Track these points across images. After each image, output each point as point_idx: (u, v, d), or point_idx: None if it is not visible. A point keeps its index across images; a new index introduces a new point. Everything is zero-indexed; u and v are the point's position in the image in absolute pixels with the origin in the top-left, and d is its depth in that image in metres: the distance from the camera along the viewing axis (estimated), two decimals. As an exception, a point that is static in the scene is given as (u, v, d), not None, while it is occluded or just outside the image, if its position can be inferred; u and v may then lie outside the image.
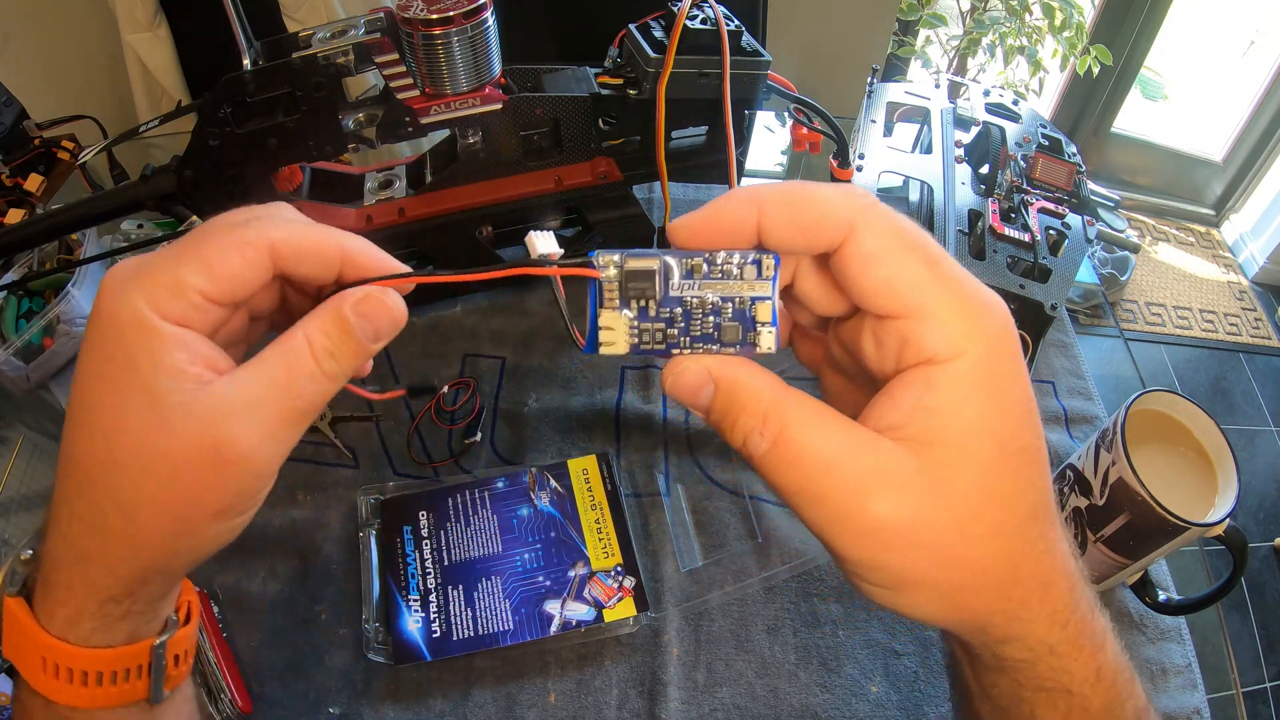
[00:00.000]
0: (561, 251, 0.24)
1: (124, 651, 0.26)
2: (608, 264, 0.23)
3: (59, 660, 0.25)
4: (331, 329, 0.24)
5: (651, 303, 0.23)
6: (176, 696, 0.29)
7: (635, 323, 0.24)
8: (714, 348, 0.24)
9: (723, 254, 0.23)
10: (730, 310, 0.23)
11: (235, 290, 0.24)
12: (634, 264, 0.23)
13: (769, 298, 0.23)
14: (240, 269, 0.23)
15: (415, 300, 0.68)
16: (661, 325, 0.24)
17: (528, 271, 0.24)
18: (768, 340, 0.24)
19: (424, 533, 0.49)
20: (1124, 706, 0.26)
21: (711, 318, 0.24)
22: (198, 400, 0.22)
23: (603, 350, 0.24)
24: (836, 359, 0.27)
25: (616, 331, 0.24)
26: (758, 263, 0.23)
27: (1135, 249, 2.01)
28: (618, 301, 0.23)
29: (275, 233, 0.24)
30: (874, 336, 0.23)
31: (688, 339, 0.24)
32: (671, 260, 0.23)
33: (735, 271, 0.23)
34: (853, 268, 0.22)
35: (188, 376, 0.23)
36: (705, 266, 0.23)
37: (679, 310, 0.23)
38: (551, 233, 0.24)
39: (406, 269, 0.26)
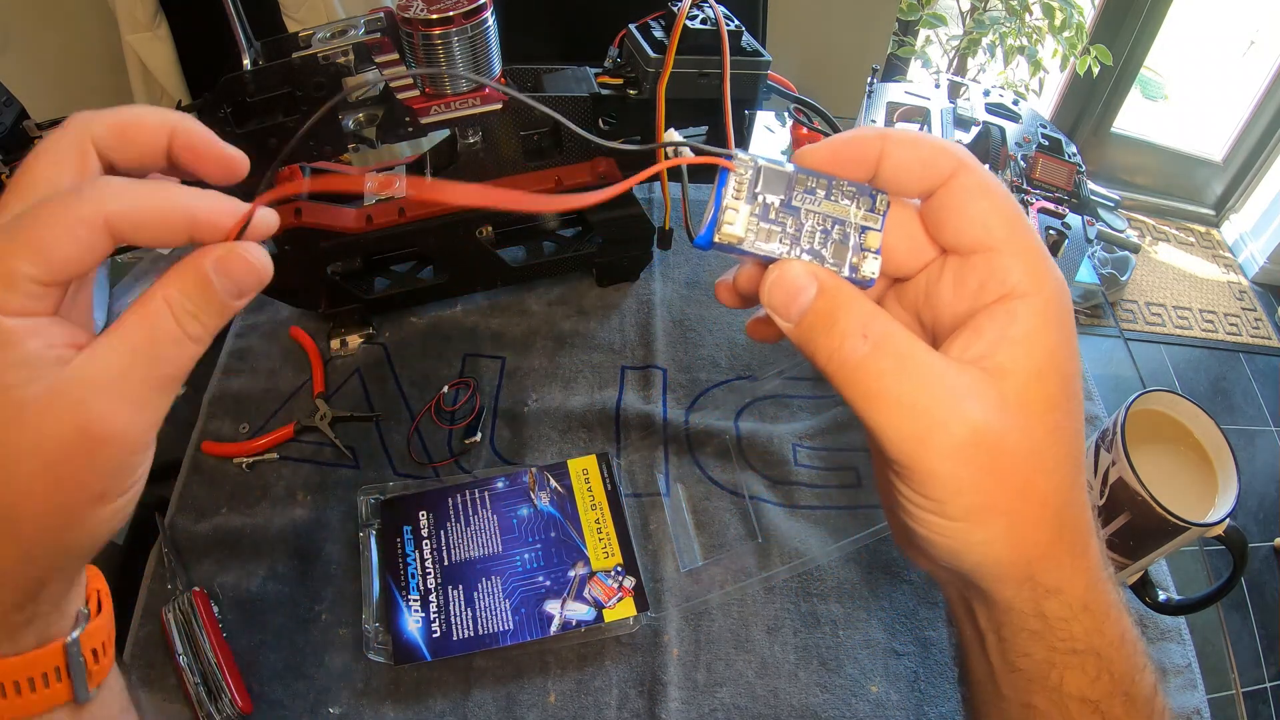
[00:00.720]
0: (693, 157, 0.25)
1: (34, 656, 0.25)
2: (744, 161, 0.24)
3: None
4: (192, 289, 0.23)
5: (775, 205, 0.24)
6: (105, 692, 0.28)
7: (757, 219, 0.24)
8: (822, 260, 0.24)
9: (845, 181, 0.25)
10: (840, 232, 0.24)
11: (72, 272, 0.22)
12: (768, 164, 0.24)
13: (878, 230, 0.25)
14: (76, 252, 0.22)
15: (415, 300, 0.67)
16: (779, 229, 0.24)
17: (665, 166, 0.25)
18: (872, 266, 0.24)
19: (424, 533, 0.49)
20: (1143, 674, 0.26)
21: (821, 233, 0.24)
22: (58, 384, 0.21)
23: (723, 231, 0.24)
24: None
25: (738, 215, 0.24)
26: (873, 196, 0.25)
27: (1135, 249, 2.01)
28: (745, 195, 0.24)
29: (111, 205, 0.22)
30: (955, 276, 0.24)
31: (796, 249, 0.24)
32: (800, 173, 0.24)
33: (853, 199, 0.25)
34: (956, 198, 0.24)
35: (45, 361, 0.22)
36: (828, 186, 0.24)
37: (795, 219, 0.24)
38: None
39: (264, 211, 0.25)
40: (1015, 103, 0.72)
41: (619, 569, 0.48)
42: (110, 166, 0.25)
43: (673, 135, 0.25)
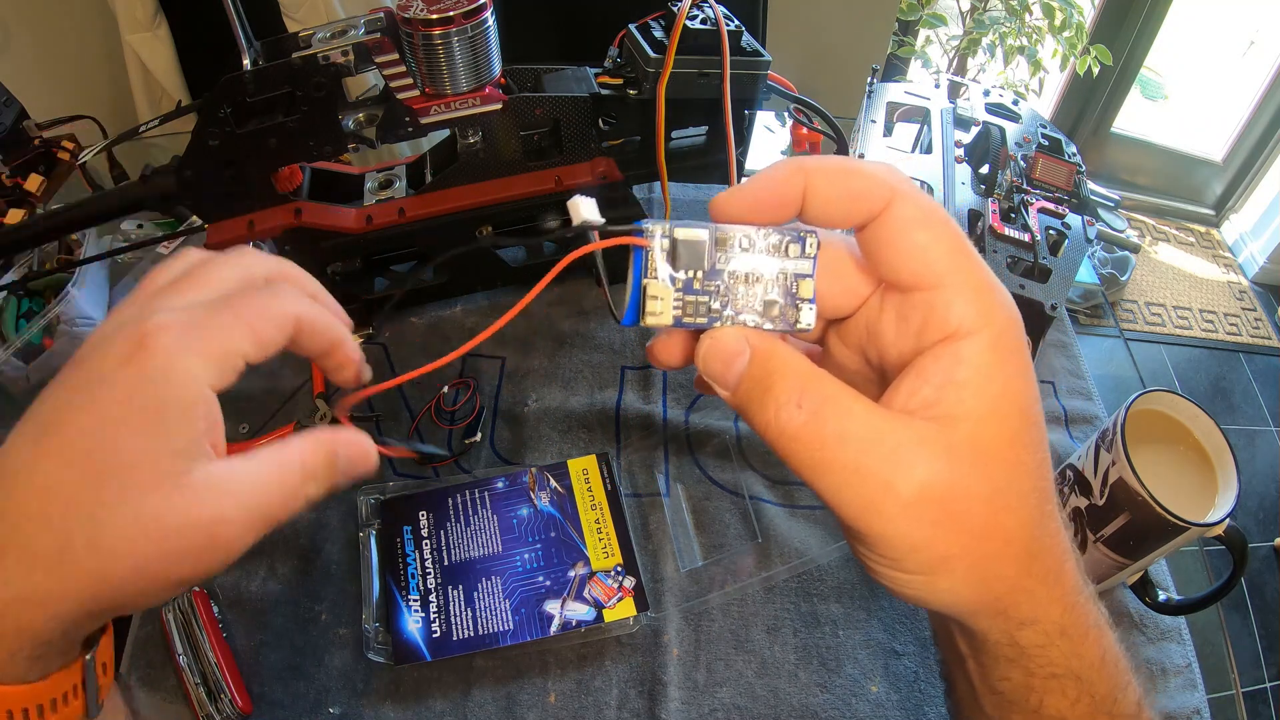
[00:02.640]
0: (603, 221, 0.23)
1: (57, 678, 0.25)
2: (656, 233, 0.23)
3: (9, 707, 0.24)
4: (320, 460, 0.26)
5: (698, 274, 0.23)
6: (107, 703, 0.28)
7: (680, 295, 0.23)
8: (753, 321, 0.24)
9: (767, 229, 0.23)
10: (771, 285, 0.24)
11: (264, 358, 0.25)
12: (683, 234, 0.23)
13: (810, 275, 0.24)
14: (277, 341, 0.26)
15: (415, 300, 0.68)
16: (705, 299, 0.23)
17: (574, 257, 0.23)
18: (808, 316, 0.24)
19: (424, 533, 0.49)
20: (1125, 693, 0.26)
21: (753, 291, 0.24)
22: (209, 479, 0.23)
23: (647, 321, 0.23)
24: (837, 363, 0.27)
25: (663, 302, 0.23)
26: (801, 240, 0.23)
27: (1135, 249, 2.01)
28: (663, 272, 0.23)
29: (298, 307, 0.26)
30: (897, 313, 0.24)
31: (730, 313, 0.23)
32: (717, 232, 0.23)
33: (780, 247, 0.23)
34: (890, 232, 0.22)
35: (200, 451, 0.24)
36: (750, 240, 0.23)
37: (722, 283, 0.23)
38: (594, 199, 0.24)
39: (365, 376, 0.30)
40: (1015, 103, 0.72)
41: (619, 569, 0.48)
42: None
43: (580, 208, 0.23)
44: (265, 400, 0.58)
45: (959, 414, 0.22)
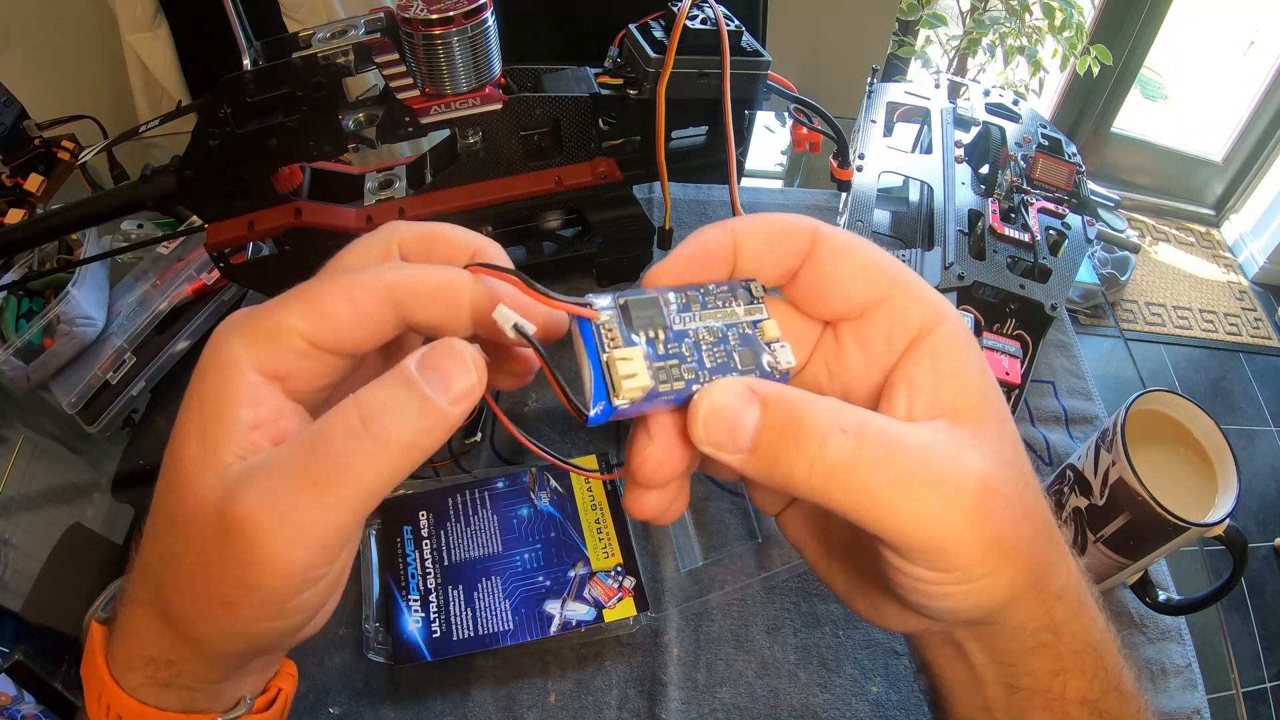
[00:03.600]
0: (534, 327, 0.21)
1: (171, 718, 0.23)
2: (601, 305, 0.21)
3: (110, 701, 0.23)
4: (387, 380, 0.20)
5: (660, 334, 0.21)
6: None
7: (648, 361, 0.21)
8: (737, 375, 0.21)
9: (711, 284, 0.23)
10: (736, 337, 0.22)
11: (343, 337, 0.21)
12: (632, 297, 0.21)
13: (768, 317, 0.23)
14: (349, 314, 0.21)
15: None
16: (675, 362, 0.21)
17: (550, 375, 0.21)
18: (786, 355, 0.22)
19: (424, 533, 0.49)
20: (1127, 667, 0.26)
21: (720, 347, 0.22)
22: (232, 464, 0.20)
23: (623, 396, 0.20)
24: None
25: (634, 364, 0.20)
26: (746, 288, 0.23)
27: (1135, 249, 2.01)
28: (625, 336, 0.21)
29: (392, 275, 0.22)
30: (857, 341, 0.24)
31: (705, 374, 0.21)
32: (666, 294, 0.22)
33: (729, 298, 0.23)
34: (828, 266, 0.23)
35: (242, 440, 0.20)
36: (699, 297, 0.22)
37: (687, 344, 0.21)
38: (514, 299, 0.21)
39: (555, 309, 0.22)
40: (1015, 103, 0.72)
41: (619, 569, 0.48)
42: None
43: (503, 318, 0.21)
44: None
45: (961, 405, 0.22)
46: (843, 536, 0.27)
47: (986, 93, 0.73)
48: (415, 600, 0.47)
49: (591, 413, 0.20)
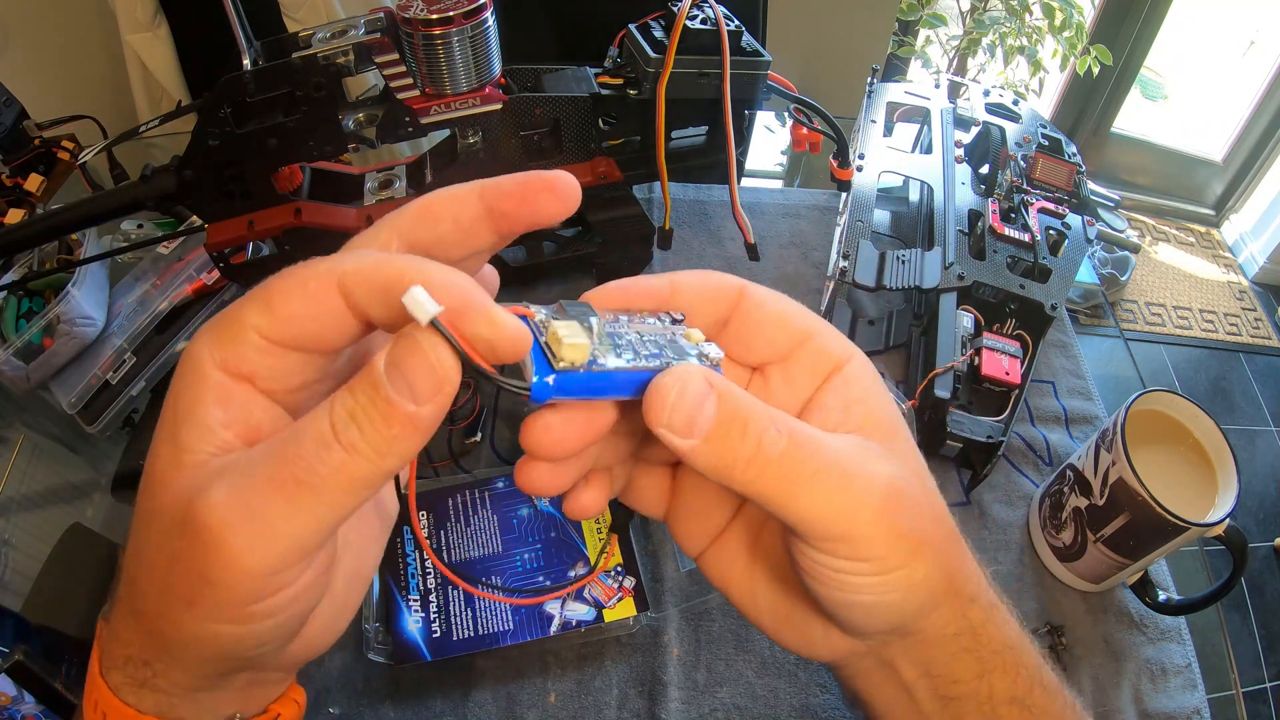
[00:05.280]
0: (440, 307, 0.19)
1: None
2: (539, 309, 0.22)
3: (97, 698, 0.23)
4: (358, 383, 0.19)
5: (596, 328, 0.22)
6: None
7: (587, 334, 0.21)
8: (668, 361, 0.22)
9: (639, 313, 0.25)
10: (665, 340, 0.24)
11: (302, 331, 0.21)
12: (567, 301, 0.22)
13: (692, 329, 0.25)
14: (302, 307, 0.20)
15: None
16: (611, 340, 0.22)
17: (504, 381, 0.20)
18: (716, 350, 0.24)
19: (424, 533, 0.49)
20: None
21: (650, 340, 0.23)
22: (206, 463, 0.20)
23: (565, 354, 0.20)
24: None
25: (573, 332, 0.20)
26: (670, 316, 0.25)
27: (1135, 249, 2.01)
28: (564, 317, 0.21)
29: (344, 265, 0.20)
30: (783, 376, 0.26)
31: (642, 360, 0.22)
32: (601, 311, 0.23)
33: (655, 321, 0.25)
34: (759, 313, 0.26)
35: (212, 438, 0.20)
36: (627, 318, 0.24)
37: (622, 334, 0.23)
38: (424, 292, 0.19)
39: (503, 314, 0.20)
40: (1015, 103, 0.72)
41: (619, 569, 0.48)
42: (425, 253, 0.22)
43: (414, 301, 0.18)
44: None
45: (869, 425, 0.25)
46: (768, 558, 0.28)
47: (986, 93, 0.73)
48: (415, 600, 0.47)
49: (533, 380, 0.20)
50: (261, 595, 0.20)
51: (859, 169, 0.64)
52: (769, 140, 0.89)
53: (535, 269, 0.63)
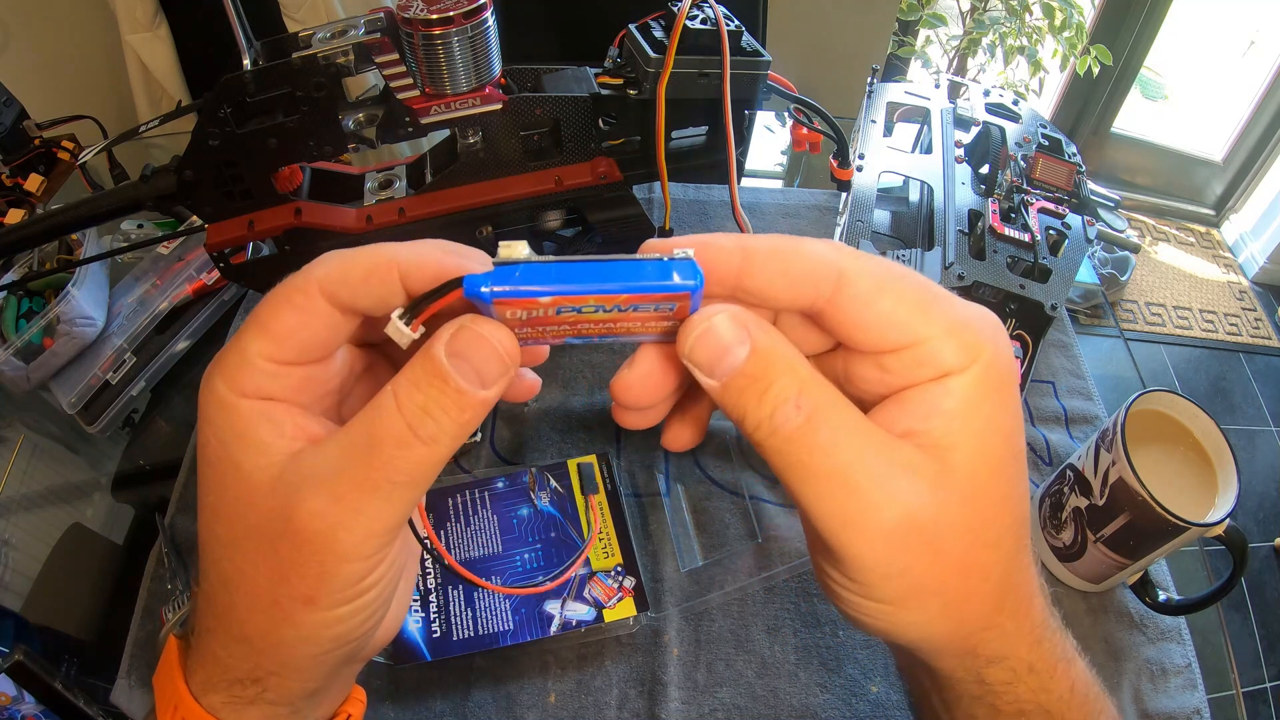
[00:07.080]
0: (415, 335, 0.21)
1: None
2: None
3: (186, 715, 0.24)
4: (423, 378, 0.20)
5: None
6: None
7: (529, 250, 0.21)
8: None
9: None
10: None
11: (304, 343, 0.22)
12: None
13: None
14: (296, 321, 0.22)
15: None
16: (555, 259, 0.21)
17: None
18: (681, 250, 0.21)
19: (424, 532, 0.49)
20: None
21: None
22: (283, 472, 0.21)
23: (500, 254, 0.20)
24: None
25: (517, 247, 0.20)
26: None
27: (1135, 249, 2.01)
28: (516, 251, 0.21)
29: (320, 270, 0.22)
30: (876, 365, 0.22)
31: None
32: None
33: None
34: (850, 313, 0.21)
35: (277, 449, 0.21)
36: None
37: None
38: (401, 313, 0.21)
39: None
40: (1015, 103, 0.72)
41: (619, 569, 0.48)
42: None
43: (398, 328, 0.21)
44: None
45: (945, 444, 0.21)
46: None
47: (986, 93, 0.73)
48: (415, 600, 0.46)
49: (465, 274, 0.20)
50: (369, 574, 0.22)
51: (859, 169, 0.64)
52: (769, 140, 0.89)
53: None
